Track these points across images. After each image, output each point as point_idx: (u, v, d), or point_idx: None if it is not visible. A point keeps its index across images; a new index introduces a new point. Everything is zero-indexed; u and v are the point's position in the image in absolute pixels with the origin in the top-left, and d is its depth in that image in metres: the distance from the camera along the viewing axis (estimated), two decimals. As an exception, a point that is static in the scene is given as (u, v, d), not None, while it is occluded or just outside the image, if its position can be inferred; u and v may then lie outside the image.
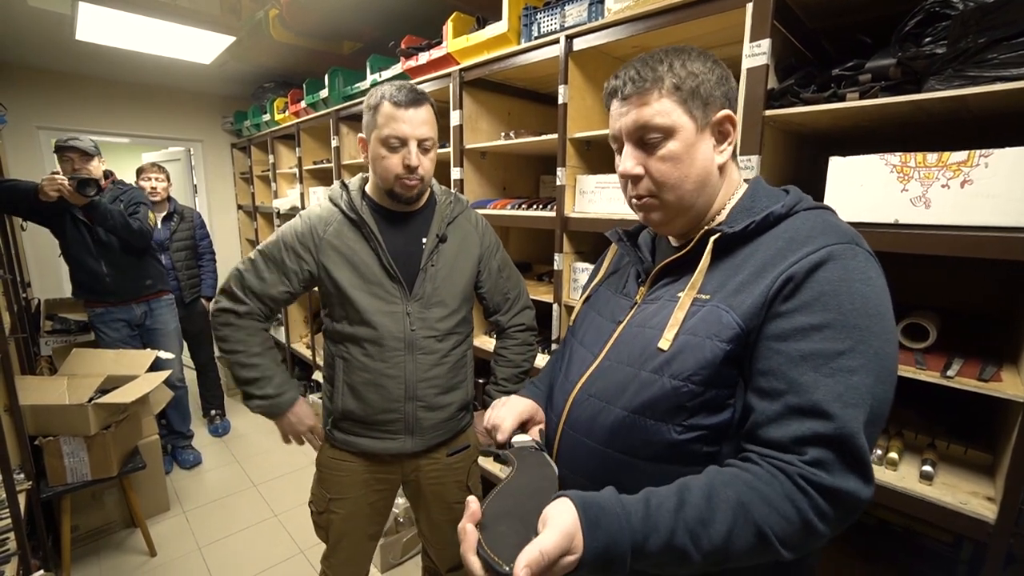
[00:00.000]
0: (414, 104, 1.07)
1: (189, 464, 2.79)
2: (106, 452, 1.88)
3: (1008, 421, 0.95)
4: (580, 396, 0.74)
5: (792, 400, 0.55)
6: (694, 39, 1.38)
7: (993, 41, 0.85)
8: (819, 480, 0.52)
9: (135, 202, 2.41)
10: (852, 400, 0.54)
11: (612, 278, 0.86)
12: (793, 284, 0.58)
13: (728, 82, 0.68)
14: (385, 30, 2.62)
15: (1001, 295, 1.26)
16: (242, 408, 3.64)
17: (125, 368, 2.14)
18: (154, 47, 2.91)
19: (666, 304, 0.69)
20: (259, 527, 2.30)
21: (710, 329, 0.61)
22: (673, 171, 0.67)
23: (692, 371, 0.61)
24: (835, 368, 0.54)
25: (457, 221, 1.26)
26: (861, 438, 0.53)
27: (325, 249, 1.16)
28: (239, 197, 4.43)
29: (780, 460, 0.55)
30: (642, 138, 0.68)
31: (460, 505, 1.31)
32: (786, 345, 0.57)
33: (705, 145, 0.67)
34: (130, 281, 2.44)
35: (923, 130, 1.18)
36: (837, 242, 0.59)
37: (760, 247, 0.64)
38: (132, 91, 3.80)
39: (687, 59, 0.67)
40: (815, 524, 0.52)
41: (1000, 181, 0.84)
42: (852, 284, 0.56)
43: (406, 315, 1.16)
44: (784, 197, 0.68)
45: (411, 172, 1.10)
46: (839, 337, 0.55)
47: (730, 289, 0.63)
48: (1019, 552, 0.89)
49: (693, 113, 0.66)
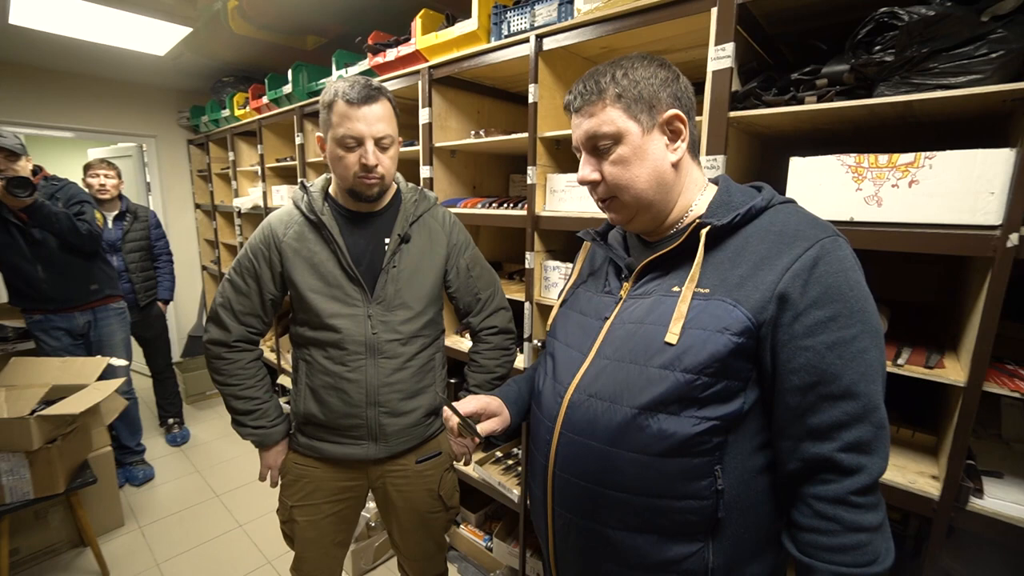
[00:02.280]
0: (368, 101, 1.03)
1: (139, 481, 2.61)
2: (51, 468, 1.76)
3: (950, 404, 1.02)
4: (577, 397, 0.73)
5: (824, 389, 0.61)
6: (661, 41, 1.42)
7: (934, 51, 0.91)
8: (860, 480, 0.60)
9: (76, 200, 2.22)
10: (871, 376, 0.61)
11: (589, 279, 0.86)
12: (801, 281, 0.62)
13: (674, 83, 0.71)
14: (350, 25, 2.57)
15: (944, 288, 1.35)
16: (202, 416, 3.49)
17: (72, 377, 2.00)
18: (100, 36, 2.74)
19: (661, 299, 0.70)
20: (223, 539, 2.21)
21: (719, 323, 0.64)
22: (624, 173, 0.71)
23: (705, 364, 0.63)
24: (855, 352, 0.61)
25: (423, 219, 1.22)
26: (882, 407, 0.62)
27: (285, 252, 1.14)
28: (197, 196, 4.24)
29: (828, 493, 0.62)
30: (595, 146, 0.72)
31: (432, 515, 1.29)
32: (812, 340, 0.61)
33: (655, 145, 0.70)
34: (72, 286, 2.26)
35: (877, 132, 1.25)
36: (824, 236, 0.64)
37: (749, 239, 0.67)
38: (76, 82, 3.56)
39: (629, 68, 0.70)
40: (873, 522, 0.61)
41: (943, 181, 0.90)
42: (847, 274, 0.62)
43: (367, 318, 1.13)
44: (759, 192, 0.72)
45: (369, 171, 1.07)
46: (850, 323, 0.61)
47: (732, 283, 0.65)
48: (958, 525, 0.96)
49: (638, 117, 0.69)
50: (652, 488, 0.67)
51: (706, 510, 0.66)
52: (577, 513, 0.73)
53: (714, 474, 0.65)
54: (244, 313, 1.18)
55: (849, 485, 0.61)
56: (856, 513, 0.61)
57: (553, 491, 0.76)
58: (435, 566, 1.38)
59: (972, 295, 0.99)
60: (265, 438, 1.21)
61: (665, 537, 0.68)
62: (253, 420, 1.20)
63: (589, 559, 0.74)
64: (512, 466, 1.92)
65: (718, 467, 0.65)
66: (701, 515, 0.66)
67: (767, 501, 0.68)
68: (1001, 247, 0.86)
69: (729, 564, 0.68)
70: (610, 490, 0.69)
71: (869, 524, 0.61)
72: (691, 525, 0.67)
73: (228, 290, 1.18)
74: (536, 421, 0.82)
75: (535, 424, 0.82)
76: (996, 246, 0.86)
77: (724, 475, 0.65)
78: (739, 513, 0.67)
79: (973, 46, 0.88)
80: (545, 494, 0.77)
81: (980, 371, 0.91)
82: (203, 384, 3.76)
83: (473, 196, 2.03)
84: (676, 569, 0.68)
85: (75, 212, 2.17)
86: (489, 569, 1.97)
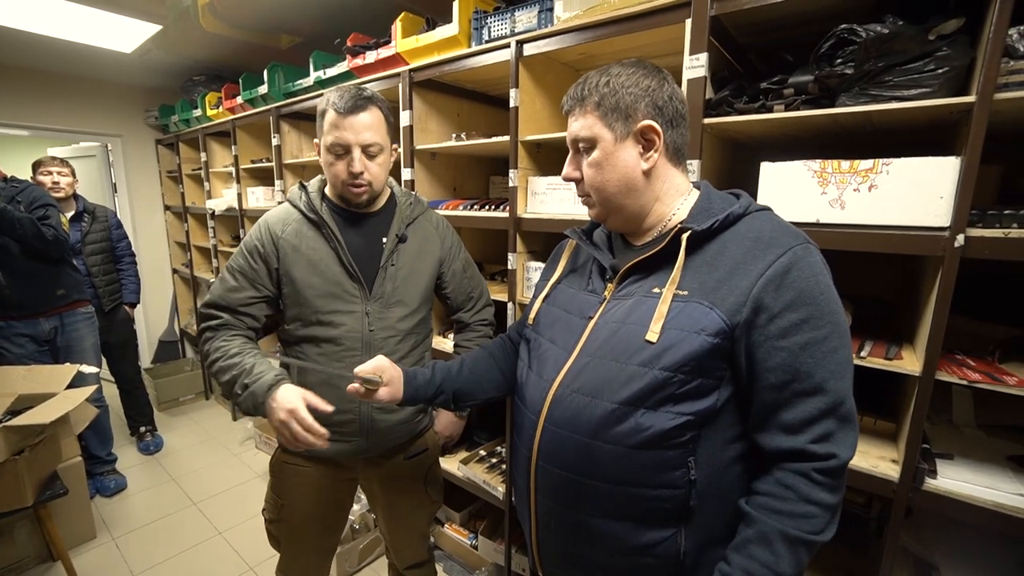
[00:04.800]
0: (356, 110, 1.06)
1: (110, 491, 2.53)
2: (18, 480, 1.69)
3: (907, 393, 1.10)
4: (561, 393, 0.77)
5: (798, 386, 0.66)
6: (638, 49, 1.47)
7: (889, 66, 0.98)
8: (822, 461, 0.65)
9: (39, 204, 2.13)
10: (840, 372, 0.66)
11: (571, 276, 0.89)
12: (774, 286, 0.66)
13: (654, 93, 0.73)
14: (326, 25, 2.54)
15: (900, 285, 1.44)
16: (175, 423, 3.40)
17: (40, 385, 1.93)
18: (62, 31, 2.64)
19: (642, 300, 0.73)
20: (202, 547, 2.17)
21: (697, 324, 0.68)
22: (597, 176, 0.76)
23: (682, 362, 0.67)
24: (826, 351, 0.65)
25: (418, 222, 1.26)
26: (850, 400, 0.67)
27: (283, 248, 1.14)
28: (167, 197, 4.11)
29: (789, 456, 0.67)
30: (578, 147, 0.78)
31: (418, 508, 1.34)
32: (786, 341, 0.66)
33: (626, 153, 0.74)
34: (36, 291, 2.17)
35: (841, 138, 1.32)
36: (796, 243, 0.68)
37: (727, 245, 0.71)
38: (34, 77, 3.39)
39: (614, 76, 0.74)
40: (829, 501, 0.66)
41: (898, 186, 0.97)
42: (818, 279, 0.67)
43: (365, 315, 1.15)
44: (738, 199, 0.76)
45: (355, 179, 1.09)
46: (820, 324, 0.66)
47: (709, 286, 0.69)
48: (916, 505, 1.03)
49: (613, 126, 0.74)
50: (629, 478, 0.71)
51: (679, 498, 0.70)
52: (558, 502, 0.78)
53: (687, 465, 0.69)
54: (229, 307, 1.14)
55: (815, 464, 0.66)
56: (813, 488, 0.65)
57: (536, 481, 0.80)
58: (419, 553, 1.43)
59: (925, 291, 1.07)
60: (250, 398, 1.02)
61: (641, 524, 0.72)
62: (239, 387, 1.05)
63: (569, 544, 0.78)
64: (496, 464, 1.94)
65: (691, 458, 0.69)
66: (674, 503, 0.70)
67: (737, 490, 0.73)
68: (950, 247, 0.93)
69: (700, 547, 0.73)
70: (590, 480, 0.73)
71: (823, 500, 0.65)
72: (665, 512, 0.71)
73: (217, 285, 1.15)
74: (520, 414, 0.85)
75: (519, 417, 0.86)
76: (945, 246, 0.94)
77: (697, 466, 0.70)
78: (710, 501, 0.71)
79: (922, 62, 0.95)
80: (528, 484, 0.81)
81: (933, 361, 0.98)
82: (175, 390, 3.65)
83: (454, 198, 2.05)
84: (651, 553, 0.72)
85: (39, 216, 2.09)
86: (474, 567, 1.99)
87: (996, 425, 1.20)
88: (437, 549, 2.13)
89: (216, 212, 3.20)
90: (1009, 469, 1.04)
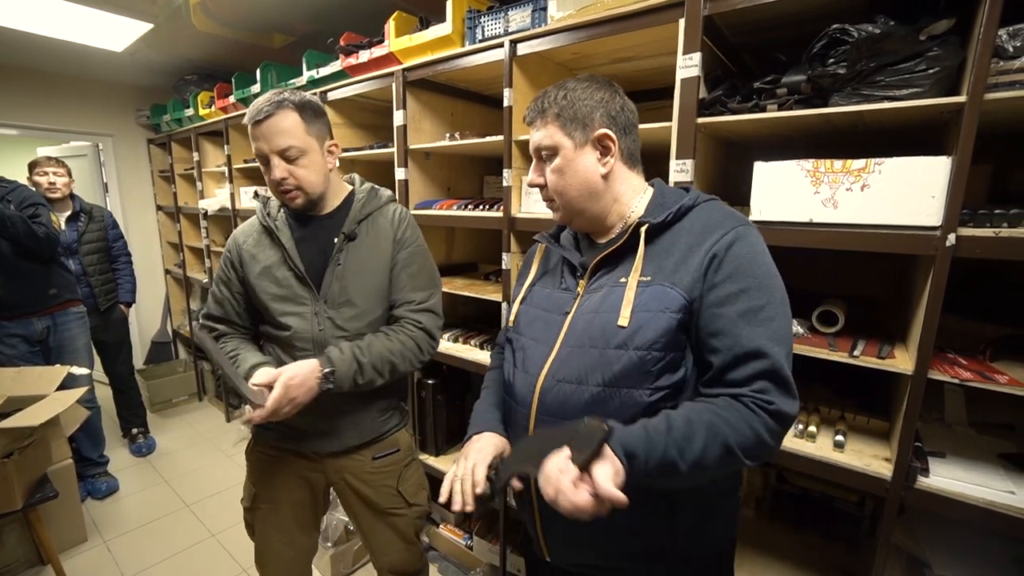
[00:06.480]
0: (266, 117, 1.05)
1: (102, 494, 2.51)
2: (8, 484, 1.67)
3: (900, 392, 1.10)
4: (547, 384, 0.82)
5: (739, 349, 0.71)
6: (631, 48, 1.47)
7: (881, 66, 0.98)
8: (765, 404, 0.69)
9: (30, 203, 2.12)
10: (777, 339, 0.71)
11: (545, 278, 0.94)
12: (718, 260, 0.73)
13: (609, 104, 0.81)
14: (319, 24, 2.53)
15: (893, 284, 1.45)
16: (168, 424, 3.38)
17: (29, 387, 1.91)
18: (52, 30, 2.61)
19: (611, 290, 0.79)
20: (195, 550, 2.15)
21: (661, 304, 0.74)
22: (559, 181, 0.83)
23: (653, 340, 0.74)
24: (762, 319, 0.71)
25: (372, 218, 1.22)
26: (787, 367, 0.71)
27: (244, 256, 1.21)
28: (159, 197, 4.08)
29: (737, 393, 0.70)
30: (540, 155, 0.85)
31: (395, 512, 1.29)
32: (725, 309, 0.72)
33: (586, 159, 0.82)
34: (29, 291, 2.16)
35: (834, 137, 1.33)
36: (739, 224, 0.76)
37: (680, 233, 0.78)
38: (24, 76, 3.35)
39: (570, 90, 0.82)
40: (765, 438, 0.68)
41: (891, 186, 0.97)
42: (757, 256, 0.74)
43: (314, 315, 1.16)
44: (687, 193, 0.84)
45: (280, 185, 1.10)
46: (758, 296, 0.72)
47: (668, 270, 0.76)
48: (908, 503, 1.04)
49: (572, 134, 0.81)
50: None
51: None
52: None
53: None
54: (220, 319, 1.25)
55: (756, 399, 0.69)
56: (753, 416, 0.68)
57: None
58: (405, 563, 1.35)
59: (918, 290, 1.07)
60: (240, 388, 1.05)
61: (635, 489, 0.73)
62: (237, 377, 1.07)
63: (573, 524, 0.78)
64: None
65: None
66: None
67: None
68: (941, 246, 0.94)
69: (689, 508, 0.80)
70: None
71: (758, 430, 0.67)
72: None
73: (209, 300, 1.28)
74: (512, 411, 0.89)
75: (511, 413, 0.90)
76: (937, 245, 0.94)
77: None
78: None
79: (914, 62, 0.95)
80: None
81: (925, 360, 0.98)
82: (168, 391, 3.63)
83: (448, 197, 2.04)
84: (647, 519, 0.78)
85: (29, 215, 2.07)
86: (470, 567, 1.98)
87: (987, 423, 1.21)
88: (432, 550, 2.13)
89: (209, 212, 3.17)
90: (1000, 467, 1.05)
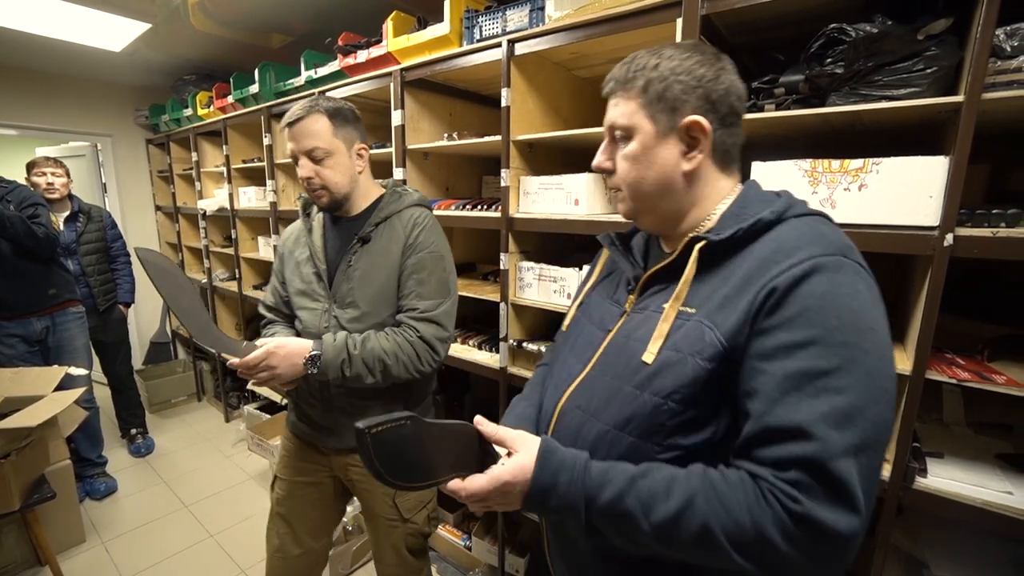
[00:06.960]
0: (296, 121, 1.13)
1: (100, 494, 2.50)
2: (5, 484, 1.67)
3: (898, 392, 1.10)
4: (567, 406, 0.73)
5: (772, 421, 0.52)
6: (628, 48, 1.45)
7: (879, 65, 0.98)
8: (787, 499, 0.50)
9: (29, 203, 2.12)
10: (838, 422, 0.50)
11: (604, 283, 0.83)
12: (775, 299, 0.54)
13: (708, 85, 0.63)
14: (317, 24, 2.53)
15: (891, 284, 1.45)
16: (167, 425, 3.38)
17: (27, 388, 1.91)
18: (50, 30, 2.60)
19: (651, 315, 0.66)
20: (193, 551, 2.15)
21: (693, 346, 0.59)
22: (630, 170, 0.67)
23: (672, 389, 0.59)
24: (820, 388, 0.51)
25: (389, 221, 1.21)
26: (845, 463, 0.49)
27: (284, 251, 1.33)
28: (158, 197, 4.08)
29: (756, 473, 0.53)
30: (613, 135, 0.69)
31: (390, 523, 1.28)
32: (770, 364, 0.54)
33: (667, 151, 0.65)
34: (28, 291, 2.16)
35: (832, 137, 1.33)
36: (823, 254, 0.55)
37: (748, 257, 0.60)
38: (22, 76, 3.35)
39: (664, 60, 0.64)
40: (775, 541, 0.50)
41: (888, 186, 0.97)
42: (838, 298, 0.53)
43: (324, 312, 1.21)
44: (775, 202, 0.64)
45: (308, 183, 1.16)
46: (825, 355, 0.51)
47: (715, 303, 0.59)
48: (907, 503, 1.04)
49: (655, 117, 0.64)
50: None
51: None
52: None
53: None
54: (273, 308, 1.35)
55: (773, 486, 0.51)
56: (762, 506, 0.51)
57: None
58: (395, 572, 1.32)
59: (915, 291, 1.07)
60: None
61: None
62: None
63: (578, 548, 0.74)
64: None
65: None
66: None
67: None
68: (939, 246, 0.94)
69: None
70: None
71: (763, 530, 0.50)
72: None
73: (267, 291, 1.39)
74: (539, 424, 0.81)
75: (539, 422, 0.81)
76: (935, 245, 0.94)
77: None
78: None
79: (911, 62, 0.95)
80: None
81: (923, 361, 0.98)
82: (167, 392, 3.63)
83: (447, 197, 2.04)
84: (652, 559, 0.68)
85: (29, 215, 2.08)
86: (468, 567, 1.98)
87: (985, 423, 1.21)
88: (431, 551, 2.12)
89: (207, 212, 3.17)
90: (997, 467, 1.05)
